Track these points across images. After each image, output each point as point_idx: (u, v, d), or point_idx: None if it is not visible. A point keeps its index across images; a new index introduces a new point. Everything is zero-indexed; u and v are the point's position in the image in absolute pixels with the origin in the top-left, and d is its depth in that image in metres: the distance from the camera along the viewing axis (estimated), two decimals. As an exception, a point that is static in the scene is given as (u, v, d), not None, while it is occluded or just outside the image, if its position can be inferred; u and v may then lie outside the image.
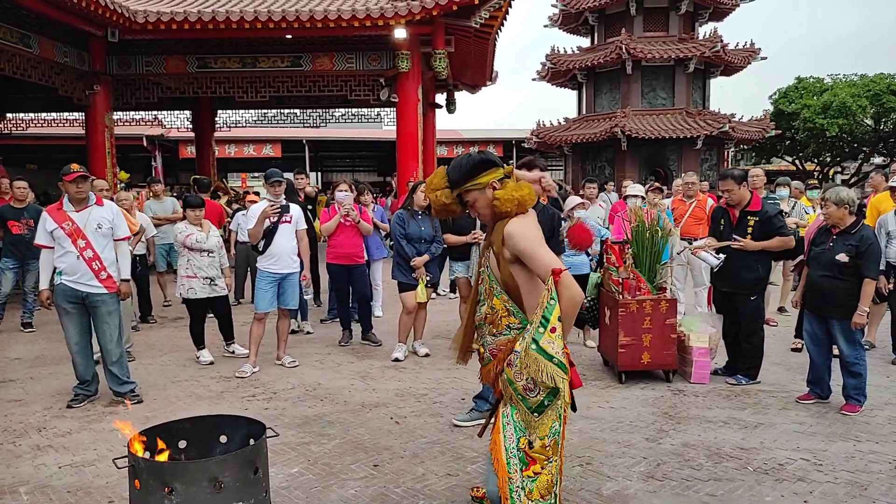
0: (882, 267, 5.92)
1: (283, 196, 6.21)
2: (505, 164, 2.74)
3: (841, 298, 4.80)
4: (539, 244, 2.57)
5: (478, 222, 5.89)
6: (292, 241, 6.16)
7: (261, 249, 6.06)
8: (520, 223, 2.61)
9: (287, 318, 6.32)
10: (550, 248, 2.63)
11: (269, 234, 6.03)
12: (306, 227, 6.44)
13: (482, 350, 2.81)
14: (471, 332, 2.91)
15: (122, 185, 12.84)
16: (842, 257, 4.76)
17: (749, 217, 5.47)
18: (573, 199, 6.99)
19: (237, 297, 9.04)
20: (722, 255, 5.49)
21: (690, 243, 6.35)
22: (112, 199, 6.38)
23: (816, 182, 18.67)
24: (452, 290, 9.85)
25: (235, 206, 11.00)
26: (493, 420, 2.85)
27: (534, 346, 2.44)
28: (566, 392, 2.50)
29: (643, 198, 7.55)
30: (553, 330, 2.41)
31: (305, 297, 6.56)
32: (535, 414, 2.53)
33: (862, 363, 4.82)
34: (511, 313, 2.66)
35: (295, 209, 6.28)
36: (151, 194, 10.06)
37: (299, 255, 6.24)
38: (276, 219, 6.02)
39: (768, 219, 5.40)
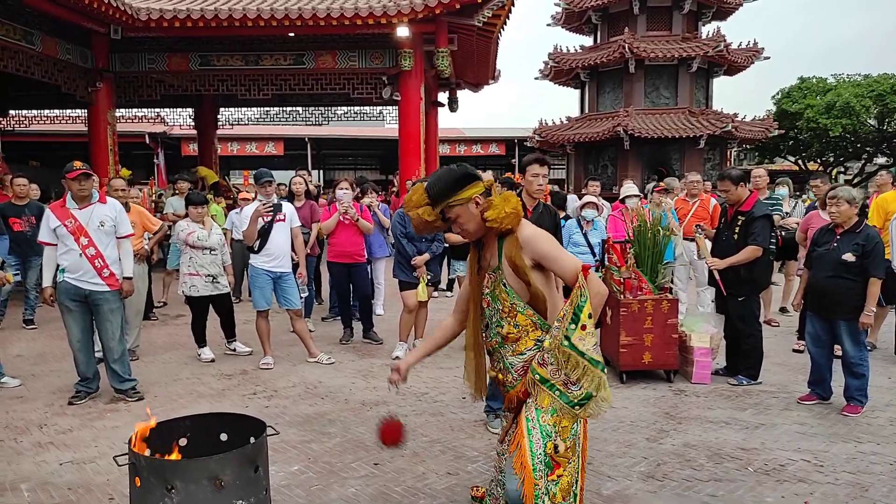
0: None
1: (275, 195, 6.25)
2: (483, 178, 2.70)
3: (847, 299, 4.76)
4: (559, 245, 2.64)
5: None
6: (288, 240, 6.17)
7: (256, 249, 6.06)
8: (533, 228, 2.65)
9: (299, 317, 6.30)
10: None
11: (265, 233, 6.04)
12: (300, 224, 6.44)
13: (502, 376, 2.76)
14: (481, 360, 2.88)
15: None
16: (848, 257, 4.73)
17: (739, 217, 5.48)
18: (586, 198, 6.98)
19: (236, 294, 9.05)
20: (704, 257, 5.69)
21: (700, 228, 6.36)
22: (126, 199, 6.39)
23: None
24: (449, 289, 9.86)
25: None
26: (515, 424, 2.81)
27: (566, 343, 2.47)
28: (605, 384, 2.53)
29: (643, 196, 7.55)
30: (584, 328, 2.46)
31: (303, 294, 6.56)
32: (578, 408, 2.55)
33: (865, 364, 4.80)
34: (538, 326, 2.65)
35: (288, 207, 6.29)
36: (177, 191, 10.11)
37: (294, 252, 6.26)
38: (269, 218, 6.03)
39: (751, 221, 5.39)
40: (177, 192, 10.15)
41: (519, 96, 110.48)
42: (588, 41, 23.44)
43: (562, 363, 2.50)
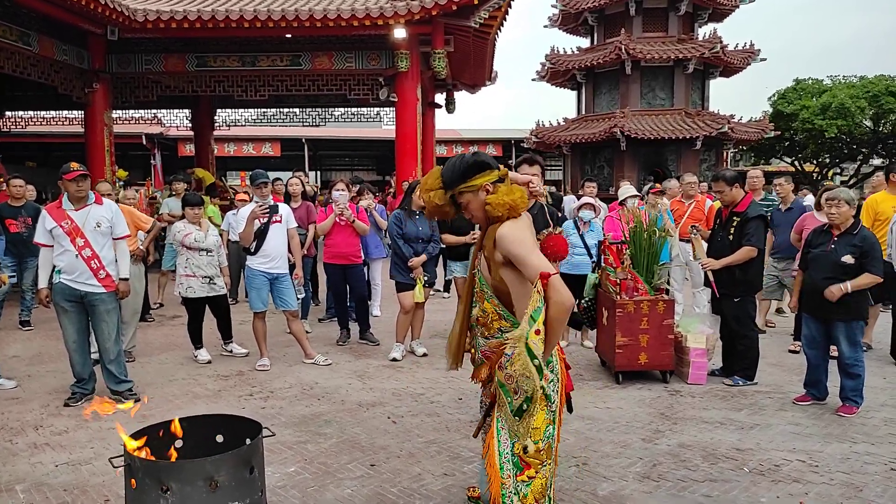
0: None
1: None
2: (500, 167, 2.72)
3: (846, 300, 4.76)
4: (531, 248, 2.54)
5: (476, 222, 5.89)
6: (285, 241, 6.17)
7: (252, 250, 6.06)
8: (512, 226, 2.58)
9: (295, 318, 6.30)
10: None
11: (261, 234, 6.04)
12: (296, 225, 6.44)
13: (473, 352, 2.81)
14: (464, 337, 2.90)
15: (121, 183, 12.85)
16: (848, 259, 4.73)
17: (734, 218, 5.50)
18: (583, 199, 6.99)
19: (233, 295, 9.04)
20: (699, 258, 5.75)
21: (695, 229, 6.37)
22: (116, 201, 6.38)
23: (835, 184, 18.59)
24: (446, 290, 9.87)
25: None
26: (487, 422, 2.84)
27: (525, 348, 2.43)
28: (539, 397, 2.47)
29: (641, 197, 7.56)
30: (538, 332, 2.39)
31: (300, 295, 6.56)
32: (516, 417, 2.53)
33: (861, 365, 4.82)
34: (502, 317, 2.66)
35: (284, 208, 6.30)
36: (173, 192, 10.11)
37: (290, 252, 6.27)
38: (265, 219, 6.04)
39: (746, 221, 5.41)
40: (173, 192, 10.16)
41: (516, 97, 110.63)
42: (584, 42, 23.49)
43: (514, 362, 2.44)
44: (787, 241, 6.79)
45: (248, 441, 2.61)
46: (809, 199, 10.45)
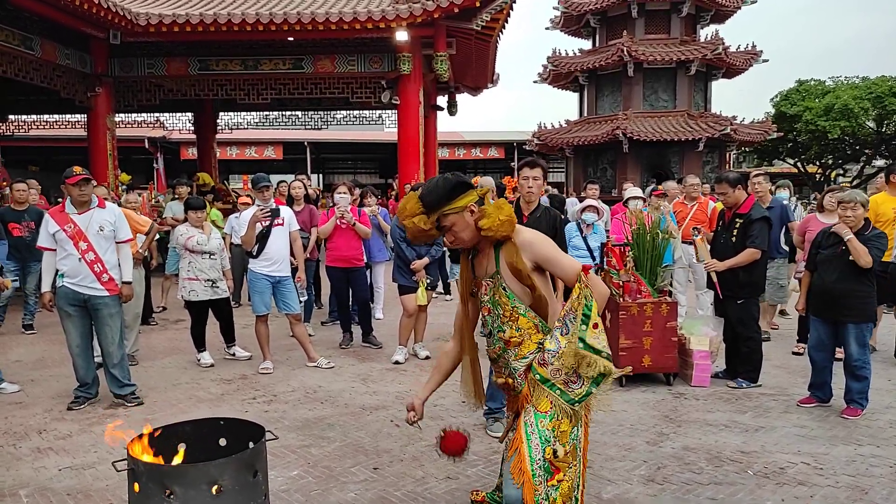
0: None
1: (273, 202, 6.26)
2: (476, 187, 2.71)
3: (856, 301, 4.75)
4: (557, 247, 2.68)
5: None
6: (287, 244, 6.17)
7: (255, 254, 6.07)
8: (530, 232, 2.69)
9: (298, 321, 6.30)
10: None
11: (263, 237, 6.04)
12: (298, 228, 6.44)
13: (511, 381, 2.77)
14: (479, 372, 2.93)
15: (124, 186, 12.86)
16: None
17: (737, 219, 5.49)
18: (586, 201, 6.98)
19: (235, 299, 9.04)
20: (703, 260, 5.75)
21: (697, 230, 6.34)
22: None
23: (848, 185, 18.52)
24: (448, 293, 9.86)
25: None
26: (514, 428, 2.82)
27: (581, 345, 2.49)
28: (612, 375, 2.55)
29: (644, 199, 7.55)
30: (595, 326, 2.49)
31: (302, 298, 6.56)
32: (577, 405, 2.56)
33: (868, 367, 4.80)
34: (539, 329, 2.68)
35: (286, 211, 6.30)
36: (176, 195, 10.13)
37: (293, 255, 6.27)
38: (267, 223, 6.04)
39: (749, 223, 5.39)
40: (176, 196, 10.17)
41: (518, 100, 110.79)
42: (587, 44, 23.50)
43: (577, 365, 2.51)
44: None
45: (251, 445, 2.61)
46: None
